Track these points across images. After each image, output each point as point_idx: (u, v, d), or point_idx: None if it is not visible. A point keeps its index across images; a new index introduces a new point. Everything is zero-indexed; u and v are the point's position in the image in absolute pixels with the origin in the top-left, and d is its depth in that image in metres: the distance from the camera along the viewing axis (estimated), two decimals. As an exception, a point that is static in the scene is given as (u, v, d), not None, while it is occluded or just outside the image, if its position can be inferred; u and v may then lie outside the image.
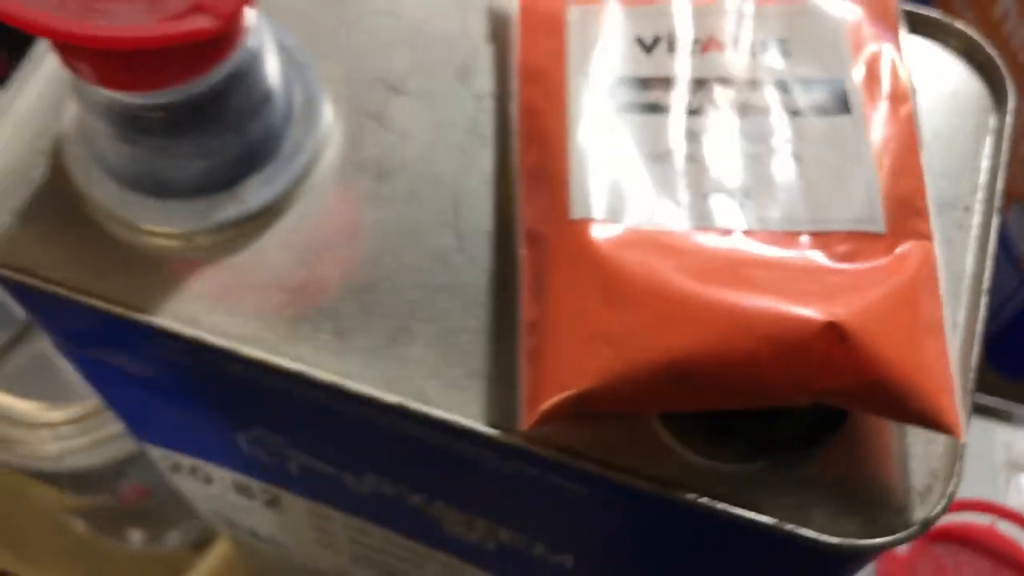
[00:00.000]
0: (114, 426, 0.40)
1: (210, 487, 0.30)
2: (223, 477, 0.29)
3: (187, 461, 0.29)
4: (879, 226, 0.18)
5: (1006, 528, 0.27)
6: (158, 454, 0.29)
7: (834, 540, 0.17)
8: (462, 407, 0.19)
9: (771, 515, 0.17)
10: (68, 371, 0.41)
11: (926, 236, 0.18)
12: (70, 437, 0.40)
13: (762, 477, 0.18)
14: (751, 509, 0.17)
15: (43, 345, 0.42)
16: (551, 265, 0.18)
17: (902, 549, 0.27)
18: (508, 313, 0.19)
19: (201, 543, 0.51)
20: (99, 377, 0.26)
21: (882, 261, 0.18)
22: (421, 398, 0.19)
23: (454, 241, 0.20)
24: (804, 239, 0.18)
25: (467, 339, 0.19)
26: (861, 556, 0.18)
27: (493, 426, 0.18)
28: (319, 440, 0.24)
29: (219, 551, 0.51)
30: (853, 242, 0.18)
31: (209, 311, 0.20)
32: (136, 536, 0.49)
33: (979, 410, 0.34)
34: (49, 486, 0.44)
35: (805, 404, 0.17)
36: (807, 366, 0.17)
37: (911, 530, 0.17)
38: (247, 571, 0.49)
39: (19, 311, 0.41)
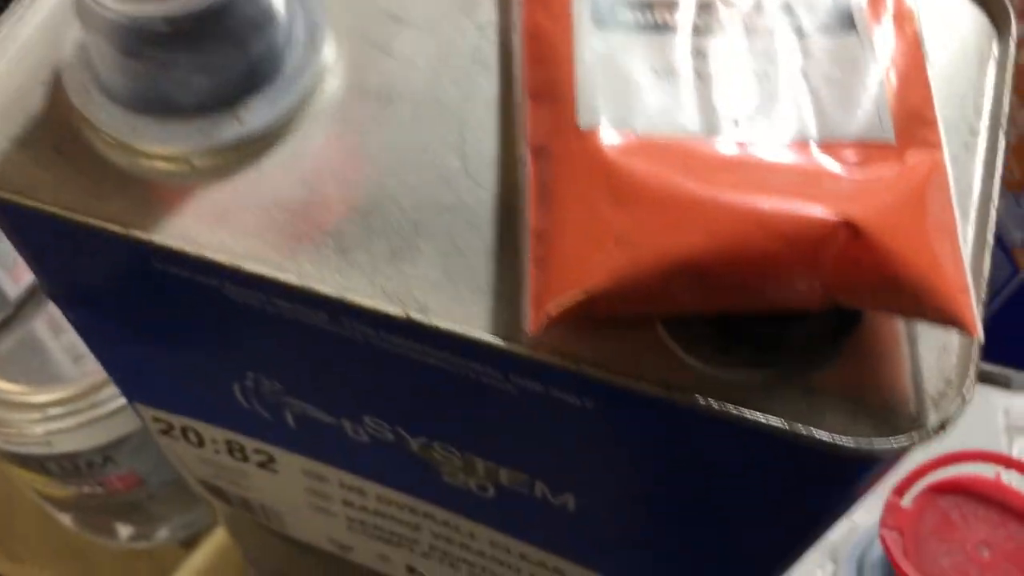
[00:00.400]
0: (101, 409, 0.39)
1: (202, 450, 0.30)
2: (215, 437, 0.28)
3: (179, 421, 0.28)
4: (889, 136, 0.18)
5: (1011, 479, 0.27)
6: (149, 416, 0.29)
7: (849, 442, 0.17)
8: (465, 320, 0.18)
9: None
10: (57, 354, 0.41)
11: (936, 145, 0.18)
12: (57, 419, 0.39)
13: (772, 385, 0.18)
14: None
15: (33, 327, 0.41)
16: (558, 175, 0.18)
17: (907, 501, 0.27)
18: (513, 233, 0.19)
19: (191, 540, 0.51)
20: (93, 327, 0.26)
21: (894, 168, 0.18)
22: (423, 312, 0.18)
23: (459, 163, 0.20)
24: (815, 149, 0.18)
25: (471, 257, 0.19)
26: (875, 462, 0.17)
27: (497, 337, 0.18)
28: (317, 382, 0.23)
29: (209, 547, 0.50)
30: (864, 151, 0.18)
31: (210, 231, 0.20)
32: (124, 532, 0.49)
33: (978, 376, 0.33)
34: (36, 475, 0.43)
35: (819, 307, 0.17)
36: (822, 264, 0.16)
37: (926, 431, 0.17)
38: (237, 567, 0.49)
39: (9, 292, 0.40)
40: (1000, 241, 0.48)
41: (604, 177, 0.18)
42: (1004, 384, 0.33)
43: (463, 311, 0.19)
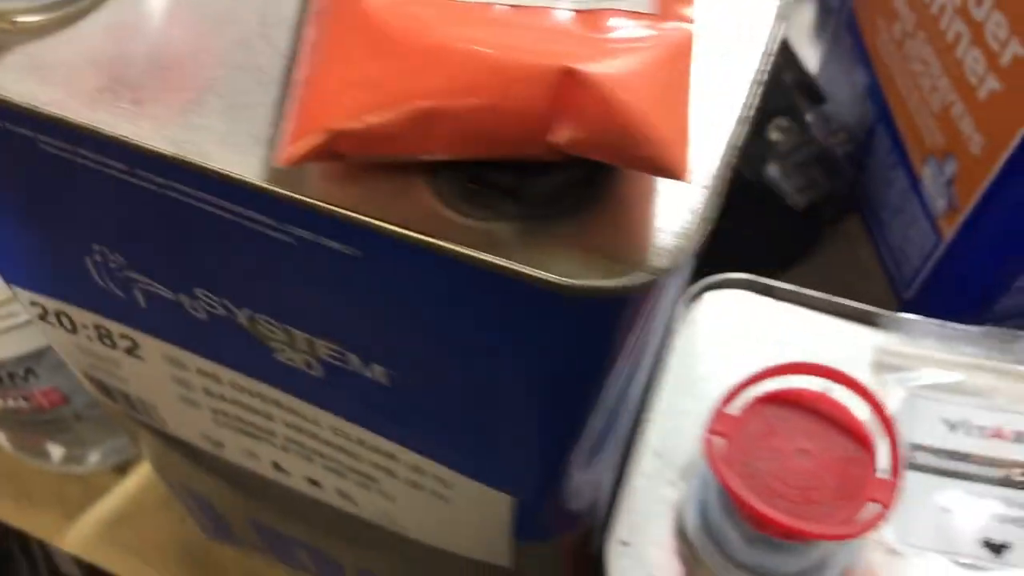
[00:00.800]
0: (18, 318, 0.41)
1: (76, 337, 0.31)
2: (85, 322, 0.30)
3: (52, 305, 0.30)
4: (644, 6, 0.19)
5: (840, 393, 0.28)
6: (27, 300, 0.30)
7: (574, 282, 0.18)
8: (241, 167, 0.19)
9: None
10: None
11: (688, 21, 0.19)
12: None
13: (517, 235, 0.19)
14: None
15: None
16: (329, 31, 0.19)
17: (735, 408, 0.28)
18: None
19: (122, 465, 0.52)
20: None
21: (641, 33, 0.19)
22: (204, 158, 0.20)
23: (258, 27, 0.21)
24: (567, 13, 0.19)
25: (258, 112, 0.20)
26: (606, 307, 0.18)
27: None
28: (148, 252, 0.25)
29: (142, 472, 0.52)
30: (616, 18, 0.19)
31: (21, 82, 0.21)
32: (56, 453, 0.50)
33: (847, 314, 0.34)
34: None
35: (552, 156, 0.18)
36: (548, 110, 0.17)
37: (652, 271, 0.18)
38: (163, 495, 0.50)
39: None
40: (924, 208, 0.49)
41: (364, 30, 0.19)
42: (873, 322, 0.34)
43: (241, 159, 0.20)
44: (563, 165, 0.18)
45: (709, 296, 0.35)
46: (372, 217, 0.19)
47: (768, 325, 0.34)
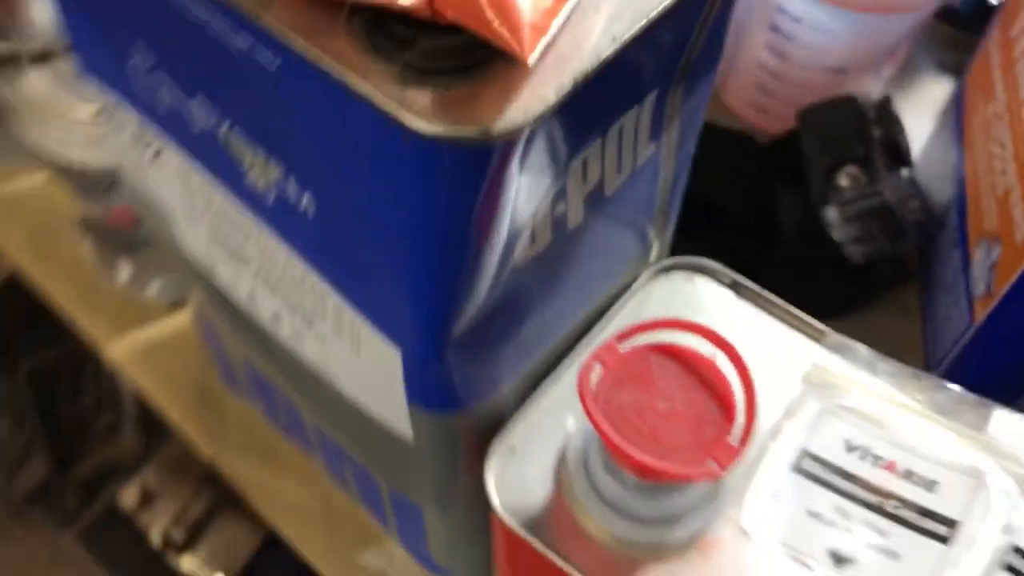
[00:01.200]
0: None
1: (121, 135, 0.36)
2: (125, 121, 0.35)
3: (110, 98, 0.35)
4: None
5: (724, 363, 0.29)
6: (97, 90, 0.36)
7: (425, 125, 0.21)
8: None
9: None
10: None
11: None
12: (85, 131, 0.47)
13: (403, 83, 0.22)
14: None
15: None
16: None
17: (625, 346, 0.30)
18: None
19: (178, 303, 0.58)
20: None
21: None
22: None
23: None
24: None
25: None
26: (446, 154, 0.21)
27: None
28: (165, 51, 0.29)
29: (186, 315, 0.57)
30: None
31: None
32: (125, 272, 0.56)
33: (798, 326, 0.35)
34: (68, 188, 0.52)
35: (430, 16, 0.21)
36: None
37: (487, 130, 0.21)
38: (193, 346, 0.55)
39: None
40: (967, 290, 0.48)
41: None
42: (819, 340, 0.35)
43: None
44: (450, 30, 0.22)
45: (677, 274, 0.37)
46: (287, 28, 0.22)
47: (718, 312, 0.36)
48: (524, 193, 0.25)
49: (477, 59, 0.22)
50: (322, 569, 0.49)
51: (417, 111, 0.21)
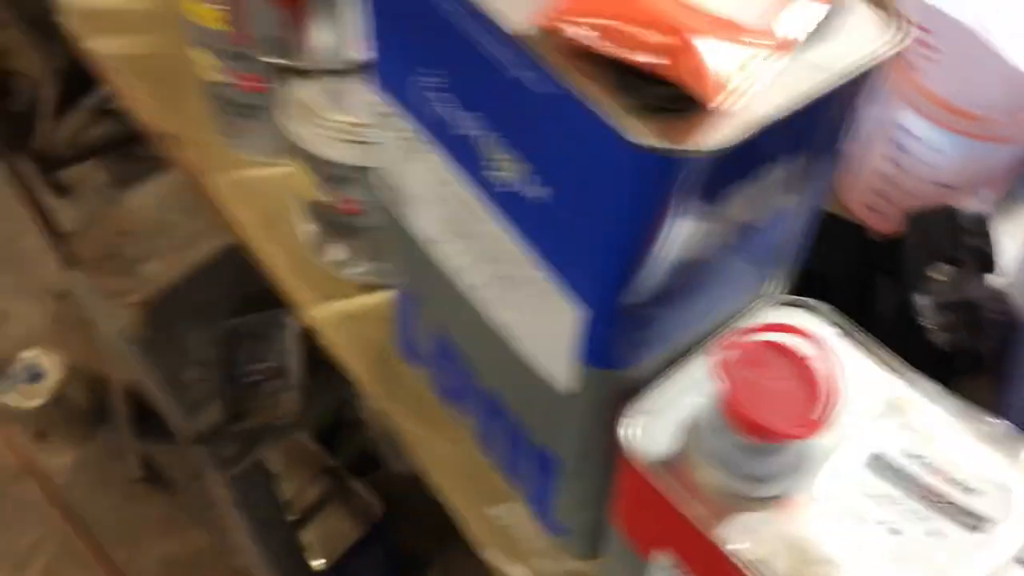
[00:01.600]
0: (358, 137, 0.60)
1: (388, 136, 0.48)
2: (397, 125, 0.47)
3: (394, 109, 0.47)
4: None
5: (819, 363, 0.39)
6: (384, 102, 0.48)
7: (637, 137, 0.32)
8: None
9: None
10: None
11: (784, 49, 0.33)
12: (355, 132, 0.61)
13: (642, 113, 0.33)
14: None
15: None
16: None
17: (747, 339, 0.40)
18: None
19: (374, 286, 0.70)
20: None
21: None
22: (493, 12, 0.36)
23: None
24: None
25: None
26: (653, 163, 0.32)
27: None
28: (446, 73, 0.41)
29: (381, 295, 0.69)
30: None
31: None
32: (339, 253, 0.69)
33: (895, 368, 0.45)
34: (310, 176, 0.65)
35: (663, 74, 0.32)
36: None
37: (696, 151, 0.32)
38: (388, 313, 0.67)
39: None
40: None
41: None
42: (910, 382, 0.44)
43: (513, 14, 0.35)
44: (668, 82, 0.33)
45: (790, 309, 0.47)
46: (564, 70, 0.34)
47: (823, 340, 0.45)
48: (692, 207, 0.36)
49: (690, 105, 0.33)
50: (460, 513, 0.60)
51: (650, 135, 0.32)
